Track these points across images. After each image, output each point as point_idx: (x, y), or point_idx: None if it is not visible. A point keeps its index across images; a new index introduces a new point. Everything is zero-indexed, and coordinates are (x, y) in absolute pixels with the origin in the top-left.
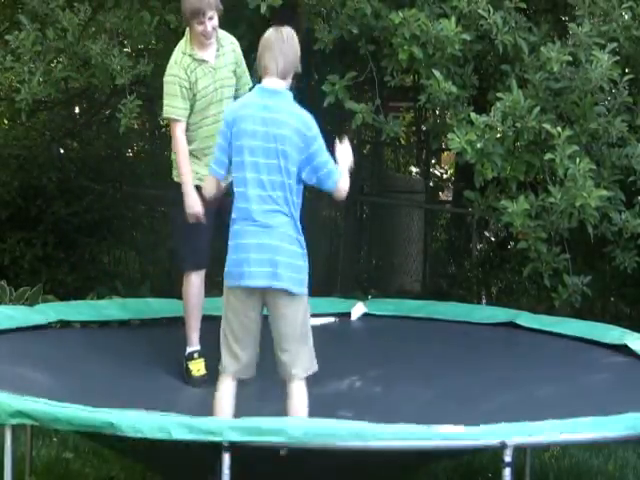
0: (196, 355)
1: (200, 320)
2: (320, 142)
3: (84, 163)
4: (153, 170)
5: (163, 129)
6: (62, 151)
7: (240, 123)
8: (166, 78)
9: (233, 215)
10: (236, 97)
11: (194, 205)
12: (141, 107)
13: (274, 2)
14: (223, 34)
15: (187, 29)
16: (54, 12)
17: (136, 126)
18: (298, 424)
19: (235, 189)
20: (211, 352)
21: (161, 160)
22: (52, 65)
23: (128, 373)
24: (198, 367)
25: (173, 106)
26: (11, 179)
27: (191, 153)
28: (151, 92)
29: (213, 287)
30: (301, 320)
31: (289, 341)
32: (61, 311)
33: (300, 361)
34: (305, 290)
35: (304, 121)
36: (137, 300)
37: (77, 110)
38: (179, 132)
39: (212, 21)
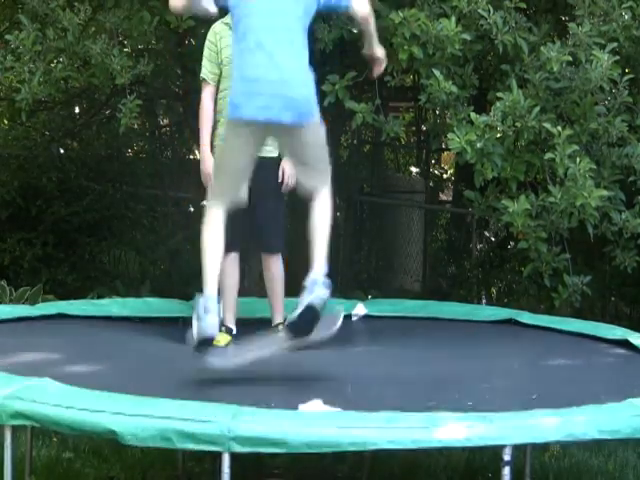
0: (223, 329)
1: (233, 301)
2: None
3: (84, 163)
4: (153, 170)
5: (163, 129)
6: (62, 151)
7: None
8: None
9: None
10: None
11: (208, 167)
12: (141, 107)
13: None
14: None
15: None
16: (54, 12)
17: (136, 126)
18: (300, 434)
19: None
20: None
21: (161, 160)
22: (52, 65)
23: (130, 364)
24: (219, 339)
25: (202, 66)
26: (11, 179)
27: (220, 120)
28: (151, 92)
29: None
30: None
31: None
32: (62, 310)
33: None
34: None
35: None
36: (137, 300)
37: (77, 110)
38: (204, 93)
39: None
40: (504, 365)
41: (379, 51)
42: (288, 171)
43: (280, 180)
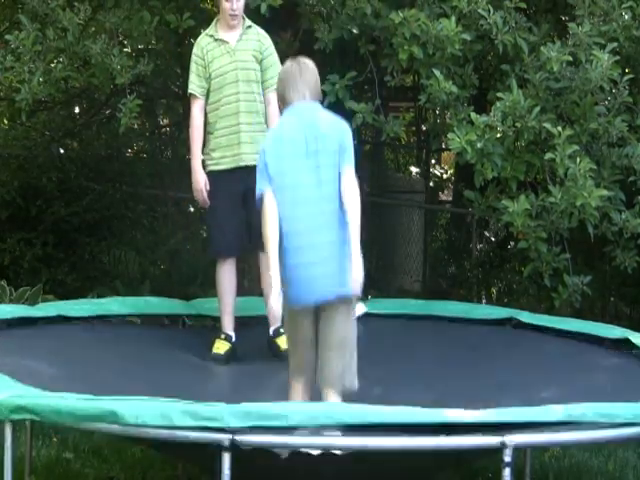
0: (222, 336)
1: (232, 306)
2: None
3: (84, 163)
4: (153, 170)
5: (163, 129)
6: (62, 151)
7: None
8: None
9: None
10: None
11: (199, 181)
12: (141, 107)
13: (274, 2)
14: (254, 26)
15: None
16: (54, 12)
17: (136, 126)
18: (300, 408)
19: None
20: None
21: (161, 160)
22: (52, 65)
23: (130, 367)
24: (219, 346)
25: (190, 82)
26: (11, 179)
27: (212, 133)
28: (151, 92)
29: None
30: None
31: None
32: (61, 310)
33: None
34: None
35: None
36: (137, 299)
37: (77, 110)
38: (194, 107)
39: (239, 2)
40: (503, 365)
41: (356, 266)
42: None
43: None
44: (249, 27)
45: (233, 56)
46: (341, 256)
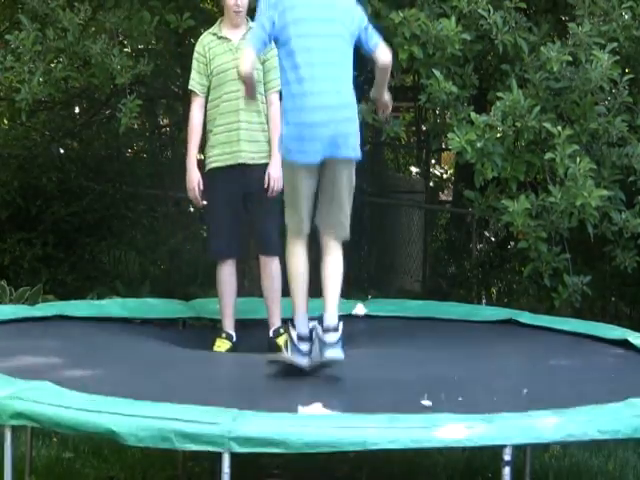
0: (224, 335)
1: (232, 307)
2: None
3: (84, 163)
4: (153, 170)
5: (163, 129)
6: (62, 151)
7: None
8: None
9: None
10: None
11: (192, 180)
12: (141, 107)
13: None
14: None
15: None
16: (54, 12)
17: (136, 126)
18: (300, 434)
19: None
20: None
21: (161, 160)
22: (52, 65)
23: (131, 367)
24: (220, 344)
25: (191, 78)
26: (11, 179)
27: (212, 130)
28: (151, 92)
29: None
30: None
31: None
32: (61, 311)
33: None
34: None
35: None
36: (137, 300)
37: (77, 110)
38: (193, 105)
39: (243, 0)
40: (504, 366)
41: (386, 96)
42: (273, 175)
43: (266, 185)
44: (250, 25)
45: (235, 54)
46: (353, 119)
